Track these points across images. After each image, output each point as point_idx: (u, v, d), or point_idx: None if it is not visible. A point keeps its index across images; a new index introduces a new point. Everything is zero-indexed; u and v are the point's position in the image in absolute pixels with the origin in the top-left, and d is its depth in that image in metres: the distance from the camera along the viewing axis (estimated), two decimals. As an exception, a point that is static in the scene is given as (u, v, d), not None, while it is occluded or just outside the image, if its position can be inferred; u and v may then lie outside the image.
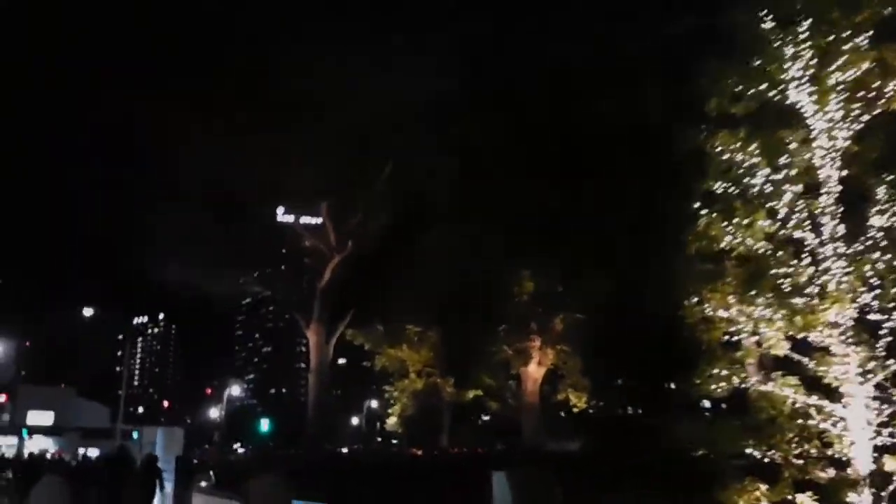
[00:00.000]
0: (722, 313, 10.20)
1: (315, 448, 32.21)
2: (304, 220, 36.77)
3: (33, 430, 63.30)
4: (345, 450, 49.86)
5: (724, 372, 10.20)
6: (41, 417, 67.78)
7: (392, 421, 36.40)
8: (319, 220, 34.55)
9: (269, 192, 32.01)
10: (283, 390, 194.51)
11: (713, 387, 10.29)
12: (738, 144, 10.19)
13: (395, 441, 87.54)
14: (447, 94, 28.71)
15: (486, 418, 50.14)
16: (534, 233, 29.50)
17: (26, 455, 30.21)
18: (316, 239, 33.45)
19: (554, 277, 29.95)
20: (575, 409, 31.77)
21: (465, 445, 34.82)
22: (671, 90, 23.04)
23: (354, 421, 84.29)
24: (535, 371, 31.13)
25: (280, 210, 36.87)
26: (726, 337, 10.34)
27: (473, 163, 29.76)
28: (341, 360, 43.49)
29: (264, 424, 65.46)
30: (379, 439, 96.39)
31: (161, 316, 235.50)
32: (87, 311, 43.84)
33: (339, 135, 30.62)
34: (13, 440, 63.12)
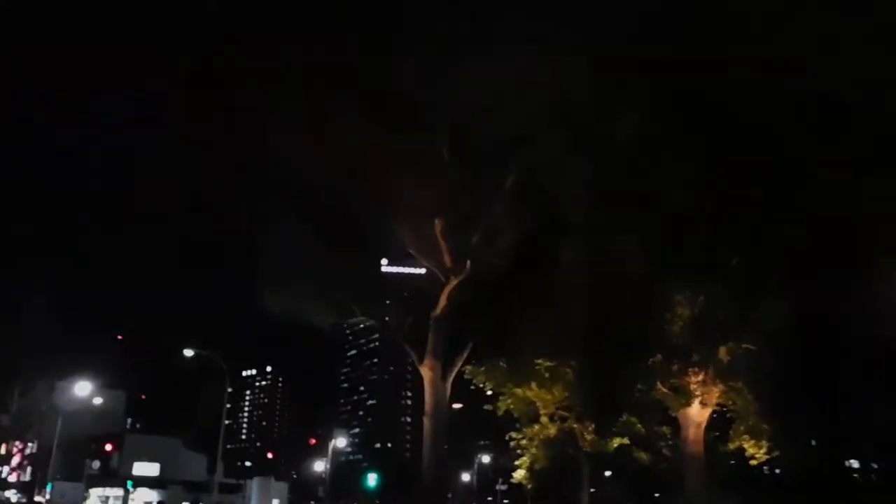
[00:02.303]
0: None
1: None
2: (409, 270, 33.38)
3: (138, 482, 61.89)
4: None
5: None
6: (147, 468, 66.68)
7: (520, 474, 31.17)
8: (423, 271, 30.92)
9: (376, 210, 28.26)
10: (389, 445, 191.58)
11: None
12: None
13: (506, 501, 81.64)
14: (575, 83, 24.28)
15: (607, 473, 44.39)
16: (692, 244, 24.36)
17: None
18: (429, 261, 29.13)
19: (720, 298, 24.43)
20: (753, 461, 25.72)
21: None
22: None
23: (465, 477, 79.17)
24: (697, 413, 25.33)
25: (384, 262, 33.85)
26: None
27: (615, 164, 25.04)
28: (456, 405, 38.71)
29: (371, 479, 61.85)
30: (490, 498, 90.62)
31: (269, 368, 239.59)
32: (189, 352, 41.03)
33: (453, 142, 26.78)
34: (119, 492, 61.82)
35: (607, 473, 40.53)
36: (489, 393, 30.92)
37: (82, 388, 44.75)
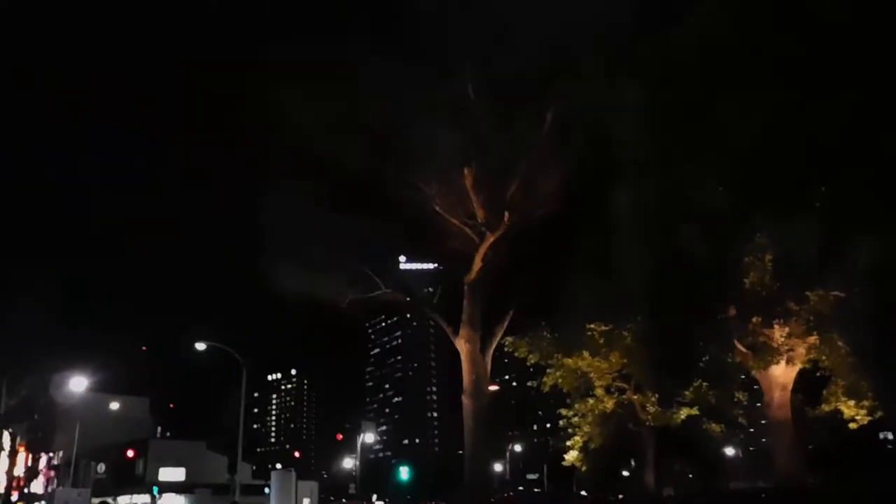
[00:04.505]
0: None
1: (480, 497, 24.11)
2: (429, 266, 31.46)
3: (164, 488, 59.70)
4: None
5: None
6: (173, 474, 64.77)
7: (572, 455, 27.67)
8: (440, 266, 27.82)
9: (396, 161, 24.93)
10: (417, 440, 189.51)
11: None
12: None
13: (536, 490, 79.21)
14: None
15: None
16: (767, 175, 20.75)
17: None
18: (459, 218, 25.59)
19: (804, 236, 20.71)
20: (853, 425, 22.07)
21: (681, 485, 25.64)
22: None
23: (497, 467, 76.46)
24: (782, 373, 21.69)
25: (402, 258, 31.05)
26: None
27: (672, 89, 21.46)
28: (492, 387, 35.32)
29: (403, 472, 59.00)
30: (521, 487, 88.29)
31: (294, 372, 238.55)
32: (201, 345, 37.93)
33: (479, 77, 23.48)
34: (146, 498, 59.78)
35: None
36: (530, 363, 27.33)
37: (77, 384, 42.01)
